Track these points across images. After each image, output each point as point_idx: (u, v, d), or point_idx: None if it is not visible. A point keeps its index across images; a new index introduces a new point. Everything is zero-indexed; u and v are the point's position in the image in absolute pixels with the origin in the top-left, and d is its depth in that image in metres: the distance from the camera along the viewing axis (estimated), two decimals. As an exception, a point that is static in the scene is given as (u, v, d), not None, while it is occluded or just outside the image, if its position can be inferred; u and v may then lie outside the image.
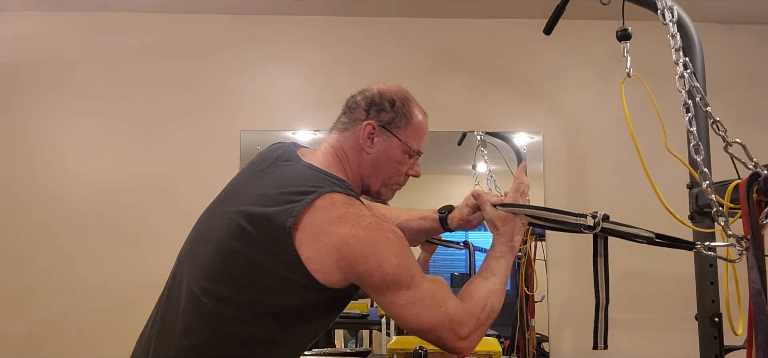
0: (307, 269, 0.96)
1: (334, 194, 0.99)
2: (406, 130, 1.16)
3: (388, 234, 0.99)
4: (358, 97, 1.19)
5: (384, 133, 1.15)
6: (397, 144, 1.15)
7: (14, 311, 2.30)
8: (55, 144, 2.41)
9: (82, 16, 2.48)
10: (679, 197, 1.36)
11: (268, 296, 0.98)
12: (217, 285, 0.99)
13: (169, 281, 1.11)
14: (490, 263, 1.13)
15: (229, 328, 0.98)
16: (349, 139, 1.15)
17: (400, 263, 0.98)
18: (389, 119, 1.15)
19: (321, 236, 0.95)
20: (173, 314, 1.03)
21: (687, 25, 1.38)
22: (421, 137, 1.19)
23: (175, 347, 0.99)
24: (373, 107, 1.16)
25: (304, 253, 0.95)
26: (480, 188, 2.06)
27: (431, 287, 1.00)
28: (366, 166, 1.15)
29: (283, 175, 1.07)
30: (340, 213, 0.97)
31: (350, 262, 0.96)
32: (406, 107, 1.17)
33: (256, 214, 0.99)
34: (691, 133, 1.15)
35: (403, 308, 0.98)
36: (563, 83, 2.52)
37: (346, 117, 1.18)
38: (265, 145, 1.27)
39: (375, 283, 0.98)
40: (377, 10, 2.49)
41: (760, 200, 0.98)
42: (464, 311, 1.01)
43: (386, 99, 1.17)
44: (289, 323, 1.00)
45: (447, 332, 0.99)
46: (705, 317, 1.35)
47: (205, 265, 1.02)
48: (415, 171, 1.21)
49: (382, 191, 1.19)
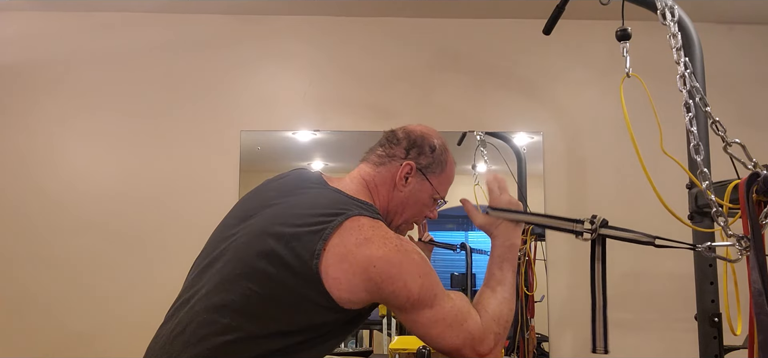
0: (329, 291, 0.98)
1: (361, 217, 1.03)
2: (439, 177, 1.22)
3: (413, 255, 1.03)
4: (399, 134, 1.23)
5: (419, 175, 1.19)
6: (428, 188, 1.20)
7: (11, 312, 2.29)
8: (54, 144, 2.41)
9: (82, 16, 2.48)
10: (678, 196, 1.36)
11: (289, 315, 1.00)
12: (237, 298, 1.00)
13: (184, 291, 1.11)
14: (494, 272, 1.15)
15: (244, 341, 0.98)
16: (382, 175, 1.19)
17: (424, 283, 1.01)
18: (427, 164, 1.20)
19: (348, 257, 0.98)
20: (188, 323, 1.03)
21: (687, 25, 1.38)
22: (449, 185, 1.25)
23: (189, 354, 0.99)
24: (414, 149, 1.20)
25: (332, 273, 0.98)
26: (480, 188, 2.06)
27: (454, 306, 1.03)
28: (395, 202, 1.19)
29: (313, 198, 1.10)
30: (367, 235, 1.00)
31: (377, 283, 0.99)
32: (443, 156, 1.22)
33: (286, 234, 1.01)
34: (692, 133, 1.15)
35: (427, 327, 1.02)
36: (563, 83, 2.52)
37: (383, 151, 1.22)
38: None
39: (400, 303, 1.01)
40: (377, 10, 2.49)
41: (760, 199, 0.98)
42: (483, 328, 1.04)
43: (427, 144, 1.21)
44: (307, 342, 1.02)
45: (469, 351, 1.02)
46: (704, 317, 1.35)
47: (228, 278, 1.03)
48: (433, 215, 1.26)
49: (402, 227, 1.23)
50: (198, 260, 1.14)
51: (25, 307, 2.30)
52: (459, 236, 2.51)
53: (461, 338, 1.01)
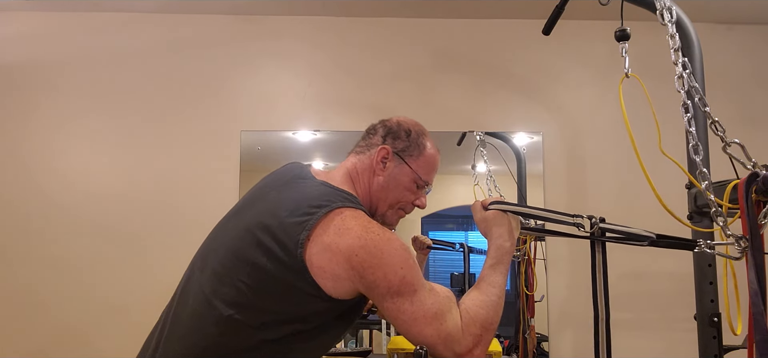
0: (315, 279, 1.00)
1: (344, 209, 1.05)
2: (418, 160, 1.23)
3: (395, 246, 1.04)
4: (377, 125, 1.28)
5: (396, 159, 1.22)
6: (407, 172, 1.22)
7: (10, 313, 2.30)
8: (54, 144, 2.41)
9: (81, 16, 2.48)
10: (678, 196, 1.37)
11: (280, 305, 1.02)
12: (229, 290, 1.03)
13: (180, 286, 1.14)
14: (486, 274, 1.15)
15: (238, 332, 1.01)
16: (363, 162, 1.23)
17: (406, 275, 1.02)
18: (403, 147, 1.23)
19: (331, 247, 1.01)
20: (183, 316, 1.07)
21: (686, 25, 1.39)
22: (430, 170, 1.26)
23: (184, 346, 1.03)
24: (389, 135, 1.24)
25: (316, 262, 1.00)
26: (479, 188, 2.06)
27: (434, 302, 1.04)
28: (376, 188, 1.22)
29: (299, 190, 1.13)
30: (349, 225, 1.03)
31: (358, 271, 1.01)
32: (420, 139, 1.25)
33: (272, 225, 1.04)
34: (690, 133, 1.15)
35: (405, 321, 1.03)
36: (563, 83, 2.52)
37: (363, 141, 1.27)
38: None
39: (381, 293, 1.02)
40: (377, 10, 2.49)
41: (759, 199, 0.98)
42: (461, 328, 1.04)
43: (403, 129, 1.25)
44: (300, 334, 1.04)
45: (445, 349, 1.02)
46: (704, 316, 1.35)
47: (218, 271, 1.06)
48: (421, 202, 1.27)
49: (387, 214, 1.24)
50: (194, 257, 1.17)
51: (25, 307, 2.30)
52: (459, 236, 2.51)
53: (438, 335, 1.02)
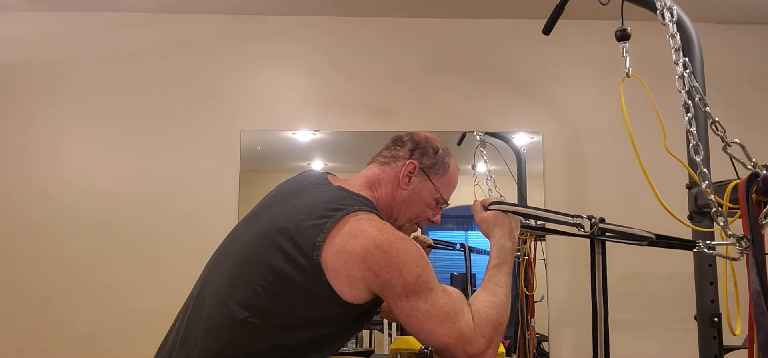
0: (330, 282, 1.01)
1: (359, 212, 1.06)
2: (442, 178, 1.26)
3: (409, 247, 1.05)
4: (404, 137, 1.29)
5: (422, 175, 1.24)
6: (430, 189, 1.25)
7: (12, 313, 2.29)
8: (54, 144, 2.41)
9: (82, 17, 2.48)
10: (678, 196, 1.37)
11: (295, 308, 1.03)
12: (245, 292, 1.03)
13: (195, 289, 1.15)
14: (491, 274, 1.16)
15: (252, 335, 1.01)
16: (387, 173, 1.24)
17: (420, 275, 1.03)
18: (430, 164, 1.25)
19: (346, 248, 1.01)
20: (198, 318, 1.07)
21: (686, 25, 1.38)
22: (451, 189, 1.30)
23: (198, 348, 1.03)
24: (417, 150, 1.26)
25: (331, 264, 1.01)
26: (479, 188, 2.06)
27: (448, 303, 1.04)
28: (398, 200, 1.24)
29: (316, 195, 1.15)
30: (364, 227, 1.03)
31: (374, 271, 1.01)
32: (446, 158, 1.28)
33: (289, 228, 1.05)
34: (691, 133, 1.15)
35: (419, 321, 1.03)
36: (563, 83, 2.52)
37: (388, 152, 1.28)
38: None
39: (396, 292, 1.02)
40: (377, 10, 2.49)
41: (759, 200, 0.98)
42: (474, 329, 1.04)
43: (431, 146, 1.27)
44: (314, 339, 1.04)
45: (458, 350, 1.02)
46: (704, 317, 1.35)
47: (234, 273, 1.07)
48: (436, 219, 1.30)
49: (405, 227, 1.27)
50: (209, 262, 1.19)
51: (26, 307, 2.30)
52: (459, 236, 2.51)
53: (451, 336, 1.02)
